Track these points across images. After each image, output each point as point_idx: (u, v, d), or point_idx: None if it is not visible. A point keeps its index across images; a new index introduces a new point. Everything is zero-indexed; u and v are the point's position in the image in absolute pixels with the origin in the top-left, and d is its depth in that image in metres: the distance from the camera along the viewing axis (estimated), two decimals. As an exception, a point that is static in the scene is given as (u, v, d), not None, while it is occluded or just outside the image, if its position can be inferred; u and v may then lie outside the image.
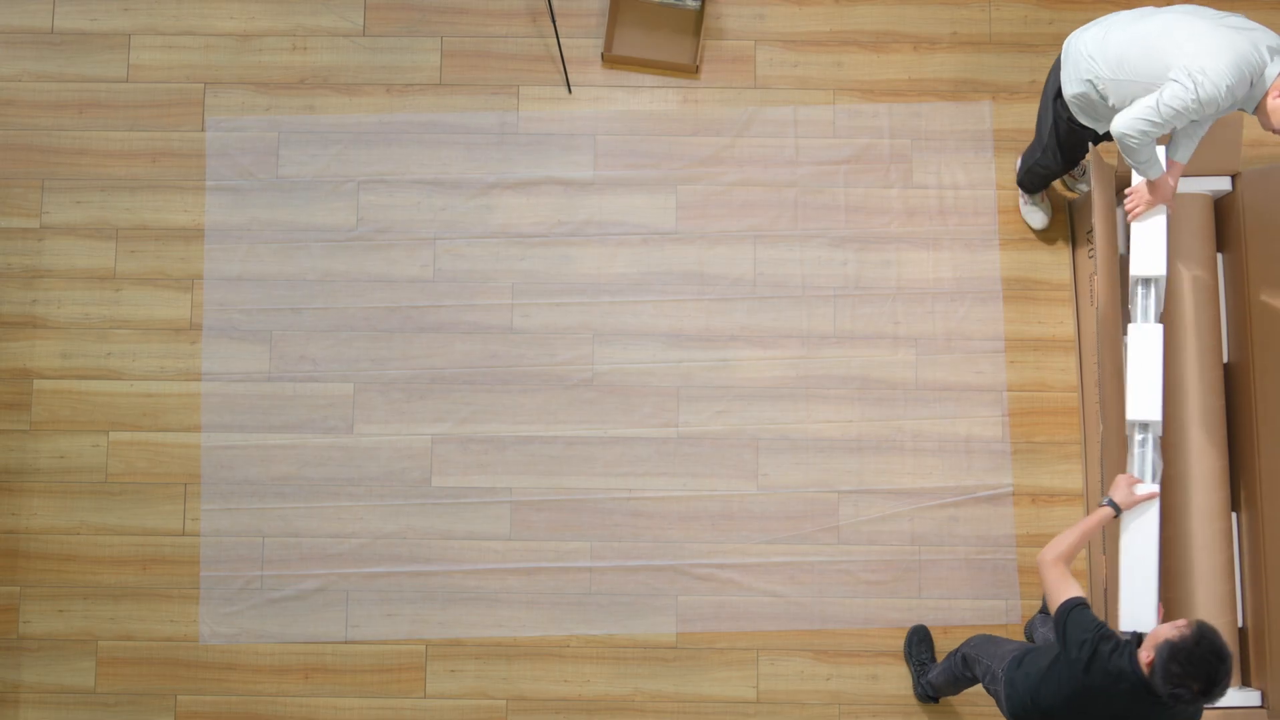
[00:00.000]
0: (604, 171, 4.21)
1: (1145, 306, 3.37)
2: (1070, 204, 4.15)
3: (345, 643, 4.04)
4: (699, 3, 4.22)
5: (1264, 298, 3.68)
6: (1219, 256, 3.85)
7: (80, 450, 4.13)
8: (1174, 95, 3.03)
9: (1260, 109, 3.07)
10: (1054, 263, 4.15)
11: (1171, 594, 3.68)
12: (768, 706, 3.99)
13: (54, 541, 4.10)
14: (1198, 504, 3.66)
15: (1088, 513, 3.97)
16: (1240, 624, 3.72)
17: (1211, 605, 3.63)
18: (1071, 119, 3.46)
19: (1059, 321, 4.12)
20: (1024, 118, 4.21)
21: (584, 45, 4.29)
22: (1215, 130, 3.75)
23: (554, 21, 4.09)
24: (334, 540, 4.06)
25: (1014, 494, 4.05)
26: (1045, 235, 4.15)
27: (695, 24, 4.27)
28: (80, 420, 4.14)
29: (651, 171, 4.21)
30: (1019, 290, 4.14)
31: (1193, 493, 3.67)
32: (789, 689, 3.98)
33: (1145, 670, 2.65)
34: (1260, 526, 3.63)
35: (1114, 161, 4.06)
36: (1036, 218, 4.08)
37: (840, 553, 4.02)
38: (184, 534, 4.09)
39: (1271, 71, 3.02)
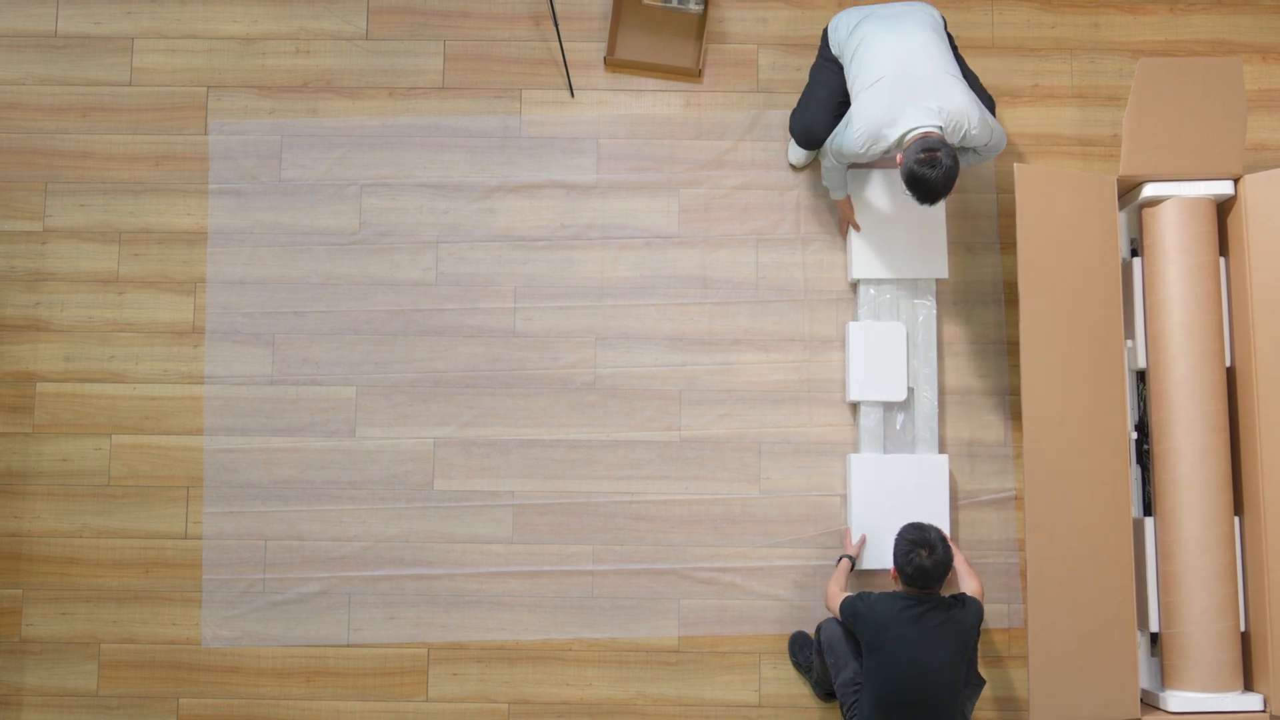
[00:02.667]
0: (606, 175, 4.22)
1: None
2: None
3: (347, 646, 4.04)
4: (701, 6, 4.23)
5: (1266, 302, 3.68)
6: (1221, 260, 3.85)
7: (83, 453, 4.14)
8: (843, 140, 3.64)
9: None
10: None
11: (1173, 597, 3.68)
12: (770, 710, 3.99)
13: (56, 544, 4.11)
14: (1199, 508, 3.66)
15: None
16: (1242, 628, 3.71)
17: (1213, 609, 3.62)
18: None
19: (1061, 325, 4.12)
20: (1026, 120, 4.21)
21: (586, 49, 4.30)
22: (1218, 134, 3.76)
23: (556, 25, 4.09)
24: (336, 543, 4.07)
25: (1016, 498, 4.05)
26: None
27: (698, 28, 4.28)
28: (83, 423, 4.15)
29: (654, 175, 4.21)
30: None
31: (1194, 497, 3.67)
32: (791, 693, 3.98)
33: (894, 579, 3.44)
34: (1262, 531, 3.63)
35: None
36: (801, 156, 4.21)
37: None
38: (186, 537, 4.09)
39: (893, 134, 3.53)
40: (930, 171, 3.35)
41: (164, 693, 4.04)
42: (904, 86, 3.50)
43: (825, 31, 3.88)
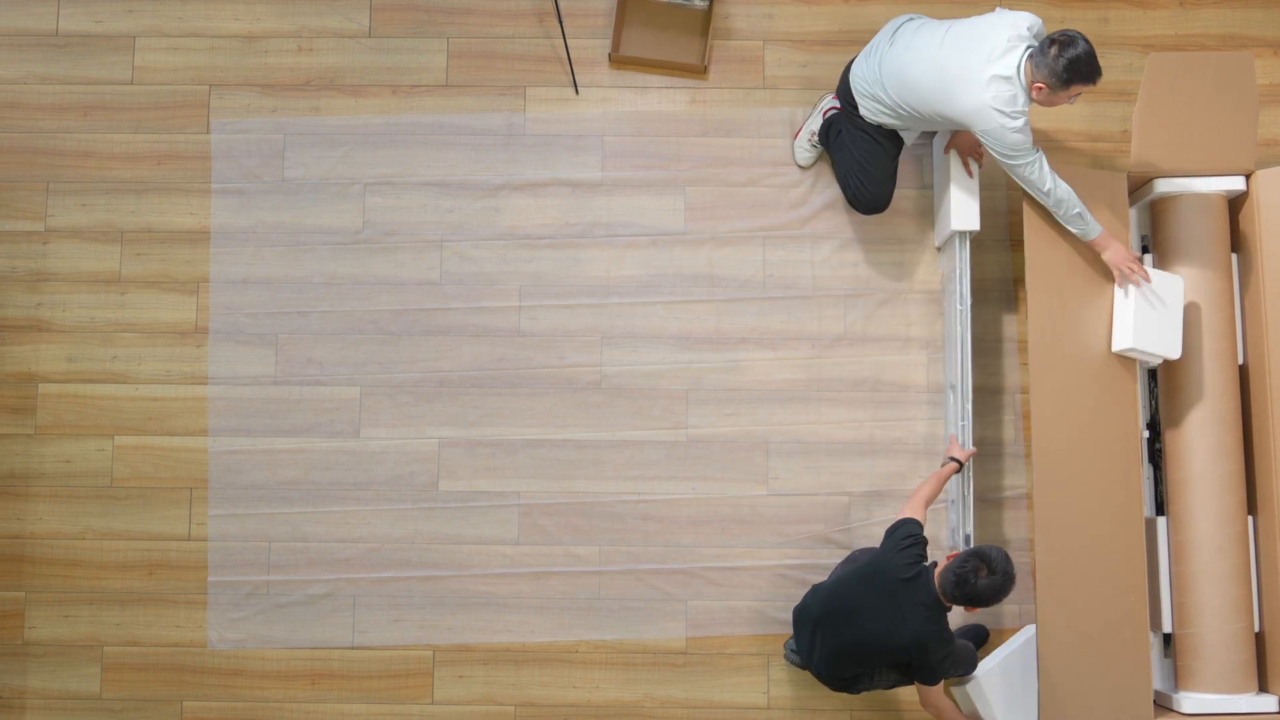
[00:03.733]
0: (612, 173, 4.19)
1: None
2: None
3: (352, 648, 4.01)
4: (707, 2, 4.19)
5: (1278, 298, 3.65)
6: (1233, 257, 3.81)
7: (85, 454, 4.11)
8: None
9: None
10: (1066, 264, 4.12)
11: (1186, 598, 3.64)
12: (779, 713, 3.95)
13: (59, 546, 4.08)
14: (1212, 507, 3.63)
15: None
16: (1256, 629, 3.68)
17: (1226, 609, 3.59)
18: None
19: (1071, 323, 4.09)
20: (1036, 115, 4.18)
21: (591, 46, 4.27)
22: (1229, 129, 3.73)
23: (561, 22, 4.06)
24: (341, 545, 4.04)
25: (1027, 496, 4.02)
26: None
27: (703, 24, 4.24)
28: (85, 424, 4.12)
29: (659, 172, 4.18)
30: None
31: (1207, 496, 3.64)
32: (800, 695, 3.95)
33: (937, 575, 3.27)
34: (1276, 530, 3.60)
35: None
36: (808, 156, 4.14)
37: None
38: (190, 539, 4.07)
39: None
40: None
41: (168, 695, 4.01)
42: (967, 54, 3.46)
43: (848, 86, 3.81)
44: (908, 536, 3.35)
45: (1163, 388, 3.79)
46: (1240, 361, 3.78)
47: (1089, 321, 3.68)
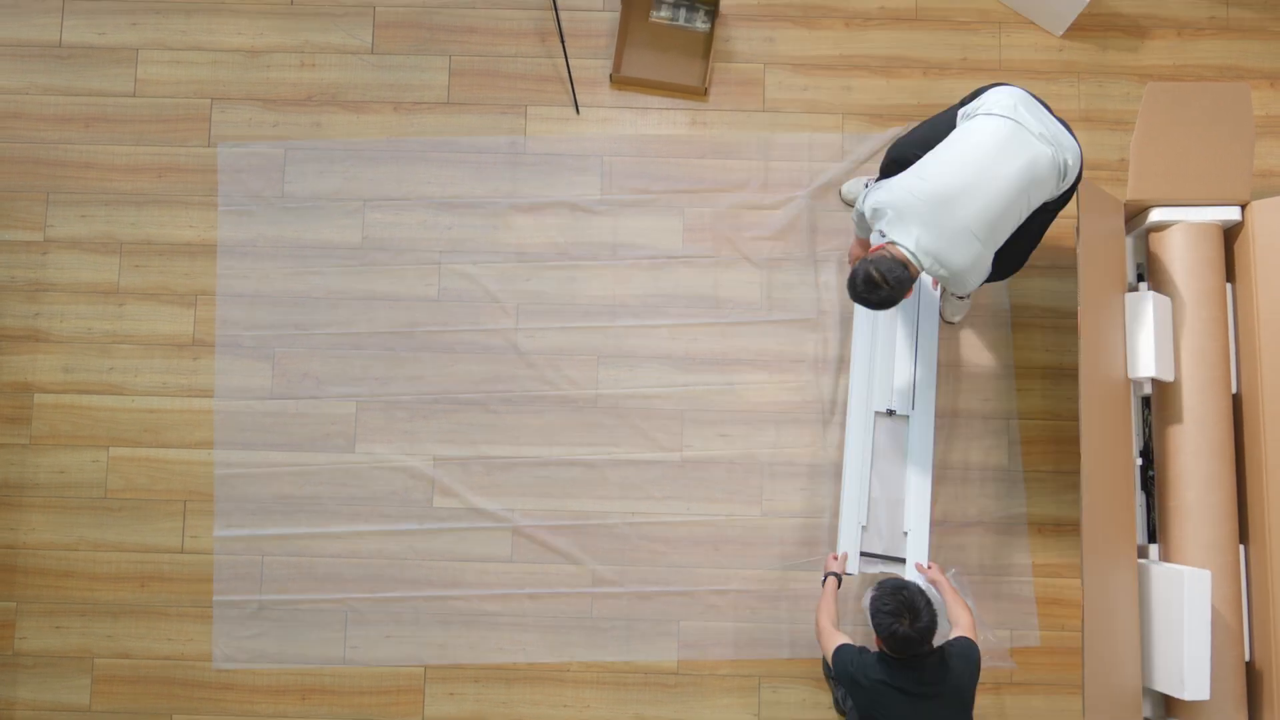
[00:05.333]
0: (612, 195, 4.20)
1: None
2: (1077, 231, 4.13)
3: (344, 664, 4.00)
4: (708, 25, 4.22)
5: (1273, 328, 3.66)
6: (1228, 286, 3.83)
7: (80, 465, 4.11)
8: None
9: None
10: (1063, 290, 4.13)
11: (1178, 627, 3.65)
12: (769, 734, 3.95)
13: (52, 557, 4.07)
14: (1205, 536, 3.64)
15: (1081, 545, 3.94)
16: (1247, 658, 3.68)
17: (1218, 639, 3.59)
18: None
19: (1067, 349, 4.10)
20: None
21: (592, 66, 4.29)
22: (1225, 159, 3.75)
23: (563, 42, 4.08)
24: (334, 560, 4.03)
25: (1022, 522, 4.02)
26: (1054, 264, 4.13)
27: (704, 46, 4.26)
28: (81, 435, 4.12)
29: (660, 194, 4.19)
30: (1027, 317, 4.12)
31: (1200, 525, 3.64)
32: (791, 717, 3.95)
33: (876, 646, 3.18)
34: (1268, 560, 3.60)
35: (1118, 193, 4.05)
36: (962, 308, 4.12)
37: (846, 580, 3.98)
38: (183, 551, 4.06)
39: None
40: (874, 295, 3.29)
41: (158, 709, 4.00)
42: (933, 211, 3.26)
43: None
44: (854, 658, 3.21)
45: (1156, 415, 3.80)
46: (1234, 391, 3.79)
47: (1088, 351, 3.69)
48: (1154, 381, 3.82)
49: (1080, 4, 4.08)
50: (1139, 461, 3.85)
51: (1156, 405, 3.80)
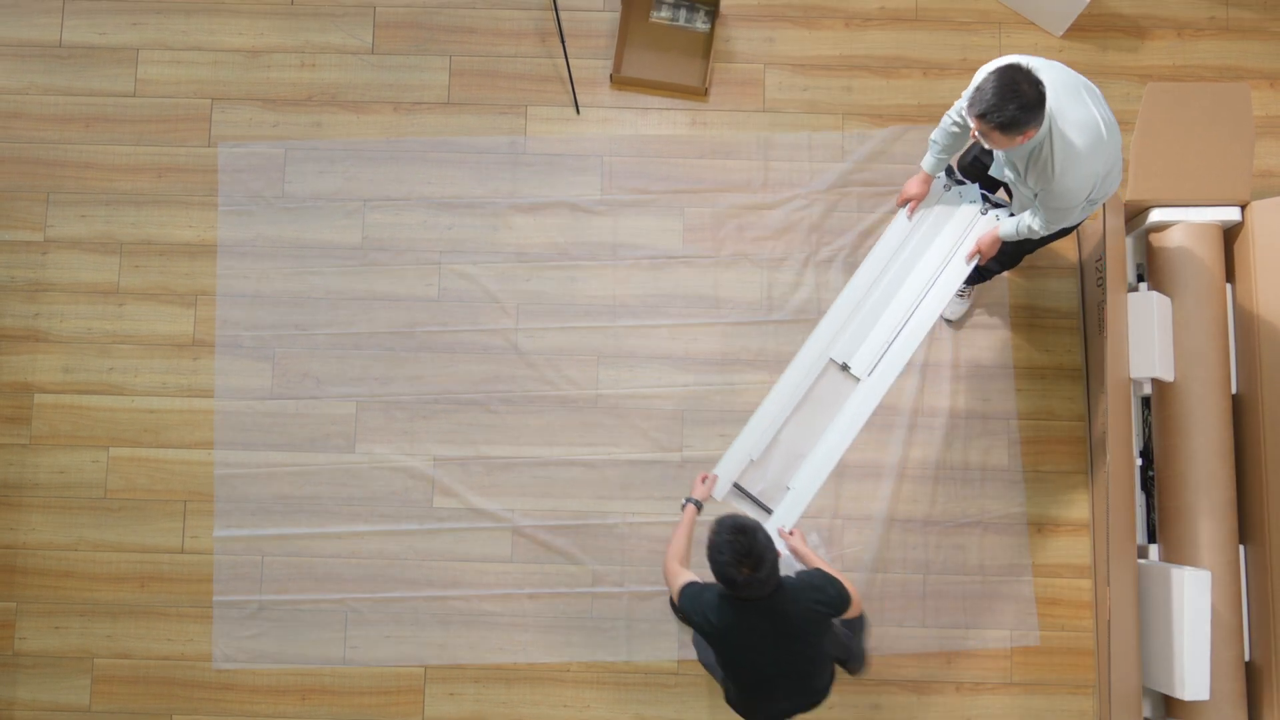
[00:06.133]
0: (612, 195, 4.20)
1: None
2: (1079, 232, 4.14)
3: (343, 664, 4.00)
4: (708, 25, 4.22)
5: (1273, 329, 3.66)
6: (1228, 287, 3.83)
7: (80, 465, 4.11)
8: None
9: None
10: (1062, 290, 4.13)
11: (1178, 627, 3.65)
12: (769, 734, 3.95)
13: (52, 557, 4.07)
14: (1205, 536, 3.64)
15: (1094, 545, 3.94)
16: (1247, 658, 3.68)
17: (1218, 638, 3.59)
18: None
19: (1067, 350, 4.10)
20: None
21: (593, 66, 4.29)
22: (1225, 159, 3.75)
23: (563, 42, 4.08)
24: (334, 560, 4.03)
25: (1022, 522, 4.02)
26: (1054, 264, 4.14)
27: (705, 46, 4.27)
28: (80, 435, 4.12)
29: (659, 194, 4.19)
30: (1027, 318, 4.12)
31: (1200, 525, 3.64)
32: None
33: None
34: (1268, 560, 3.60)
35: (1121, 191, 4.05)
36: (962, 306, 4.09)
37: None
38: (183, 551, 4.06)
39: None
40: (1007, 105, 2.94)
41: (157, 709, 4.00)
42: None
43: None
44: (696, 597, 3.07)
45: (1156, 416, 3.80)
46: (1234, 391, 3.79)
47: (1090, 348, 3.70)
48: (1154, 381, 3.82)
49: (1080, 4, 4.08)
50: (1139, 461, 3.86)
51: (1156, 405, 3.80)
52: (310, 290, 4.17)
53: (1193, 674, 3.46)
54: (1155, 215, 3.80)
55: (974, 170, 3.66)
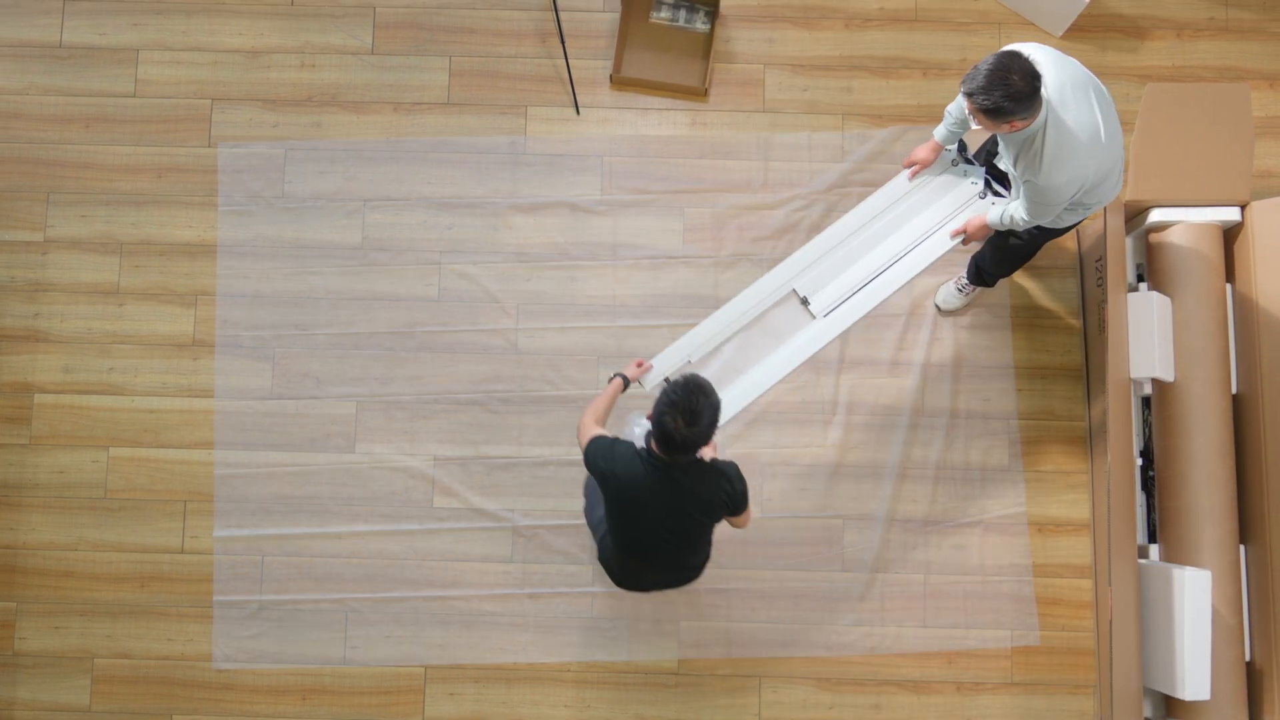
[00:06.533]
0: (612, 195, 4.20)
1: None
2: (1079, 231, 4.14)
3: (344, 664, 4.00)
4: (708, 25, 4.22)
5: (1273, 328, 3.67)
6: (1228, 287, 3.83)
7: (80, 465, 4.11)
8: None
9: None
10: (1062, 290, 4.13)
11: (1178, 627, 3.65)
12: (769, 735, 3.95)
13: (52, 557, 4.07)
14: (1206, 536, 3.64)
15: (1094, 545, 3.94)
16: (1247, 658, 3.68)
17: (1218, 639, 3.59)
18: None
19: (1067, 350, 4.10)
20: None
21: (593, 66, 4.29)
22: (1225, 160, 3.75)
23: (563, 42, 4.08)
24: (334, 560, 4.03)
25: (1022, 522, 4.02)
26: (1054, 264, 4.14)
27: (705, 47, 4.27)
28: (81, 435, 4.12)
29: (659, 194, 4.20)
30: (1027, 318, 4.12)
31: (1201, 525, 3.64)
32: (791, 718, 3.94)
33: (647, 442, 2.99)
34: (1268, 560, 3.61)
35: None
36: (958, 301, 4.09)
37: (844, 579, 3.99)
38: (183, 551, 4.06)
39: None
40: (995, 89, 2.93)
41: (158, 709, 4.00)
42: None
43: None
44: (605, 449, 3.08)
45: (1156, 416, 3.80)
46: (1234, 391, 3.79)
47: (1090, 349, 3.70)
48: (1154, 381, 3.82)
49: (1080, 5, 4.08)
50: (1139, 461, 3.86)
51: (1156, 405, 3.80)
52: (310, 290, 4.17)
53: (1193, 674, 3.46)
54: (1155, 215, 3.80)
55: (985, 160, 3.67)
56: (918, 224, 3.64)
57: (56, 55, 4.31)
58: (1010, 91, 2.89)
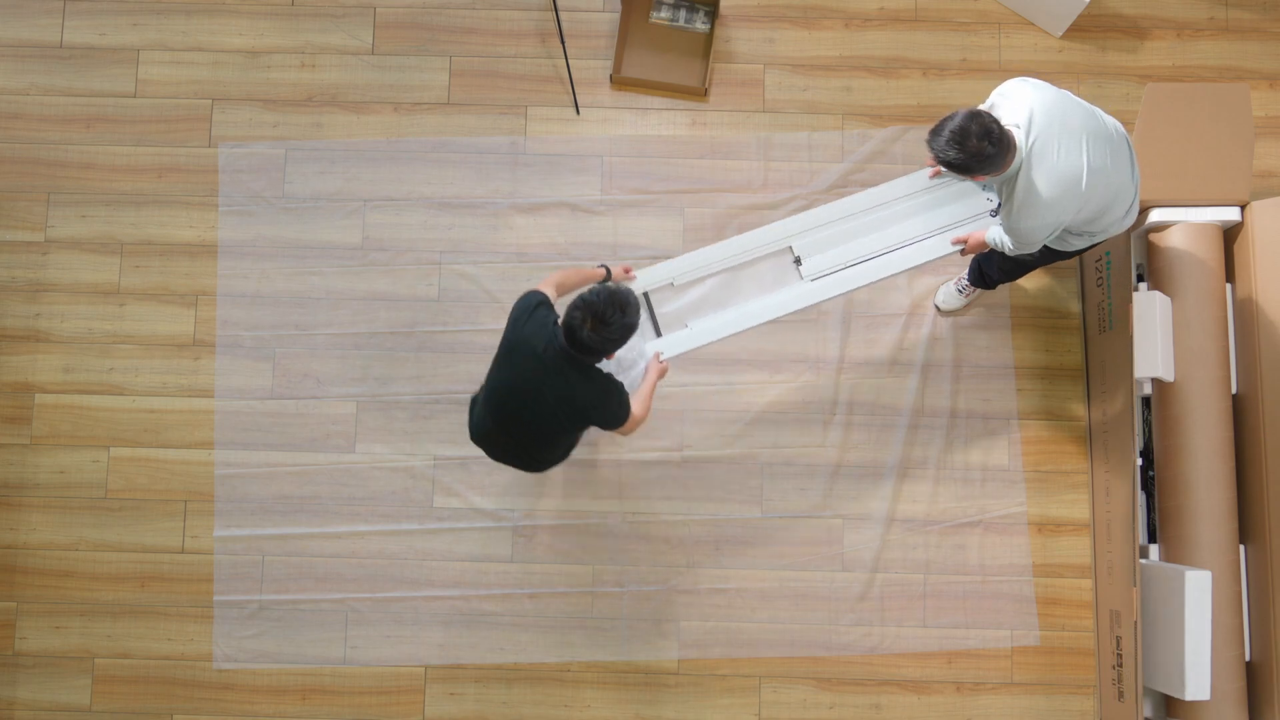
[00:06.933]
0: (612, 195, 4.20)
1: None
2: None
3: (344, 664, 4.00)
4: (708, 25, 4.22)
5: (1273, 329, 3.66)
6: (1228, 287, 3.83)
7: (80, 465, 4.11)
8: None
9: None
10: (1062, 290, 4.13)
11: (1178, 627, 3.65)
12: (769, 734, 3.95)
13: (52, 557, 4.07)
14: (1206, 536, 3.64)
15: (1095, 545, 3.94)
16: (1247, 658, 3.68)
17: (1218, 638, 3.59)
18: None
19: (1067, 350, 4.10)
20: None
21: (593, 66, 4.29)
22: (1225, 160, 3.75)
23: (563, 42, 4.08)
24: (334, 560, 4.03)
25: (1022, 522, 4.02)
26: (1054, 265, 4.14)
27: (705, 47, 4.27)
28: (81, 435, 4.12)
29: (659, 194, 4.20)
30: (1028, 318, 4.12)
31: (1201, 525, 3.64)
32: (791, 717, 3.94)
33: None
34: (1268, 560, 3.61)
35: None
36: (958, 302, 4.10)
37: (845, 579, 3.99)
38: (183, 551, 4.06)
39: None
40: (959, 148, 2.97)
41: (158, 709, 4.00)
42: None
43: None
44: (530, 306, 3.10)
45: (1157, 416, 3.80)
46: (1234, 391, 3.79)
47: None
48: (1154, 381, 3.82)
49: (1080, 5, 4.08)
50: (1139, 462, 3.86)
51: (1156, 405, 3.80)
52: (310, 290, 4.17)
53: (1193, 674, 3.46)
54: (1155, 215, 3.80)
55: None
56: (925, 221, 3.66)
57: (57, 55, 4.32)
58: (967, 153, 2.94)
